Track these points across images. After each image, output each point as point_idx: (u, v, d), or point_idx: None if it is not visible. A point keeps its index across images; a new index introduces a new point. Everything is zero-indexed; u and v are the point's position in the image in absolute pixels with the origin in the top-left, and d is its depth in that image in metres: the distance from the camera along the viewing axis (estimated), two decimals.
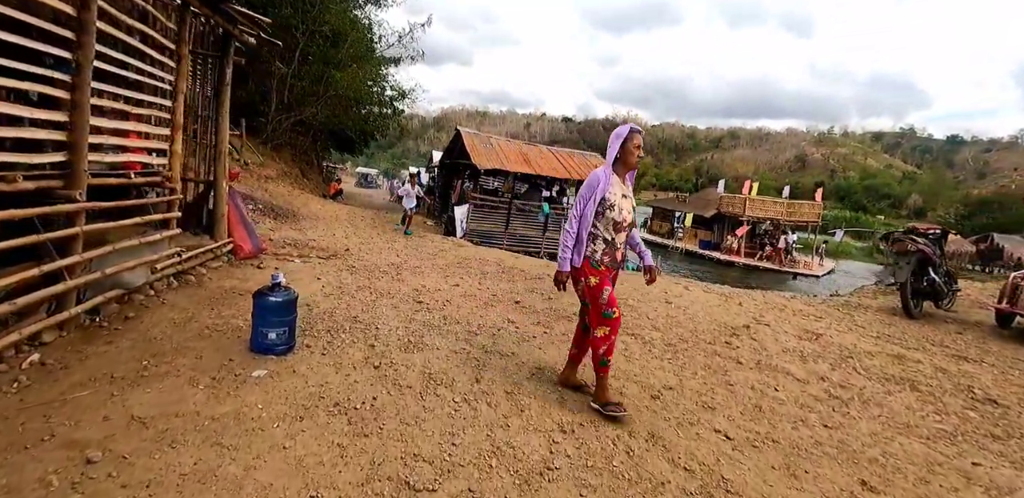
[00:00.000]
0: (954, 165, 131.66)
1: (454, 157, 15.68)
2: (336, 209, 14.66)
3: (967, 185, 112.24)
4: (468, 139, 12.63)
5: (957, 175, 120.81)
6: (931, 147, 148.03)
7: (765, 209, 27.54)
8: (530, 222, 12.90)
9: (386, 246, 9.04)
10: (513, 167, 11.96)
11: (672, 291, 5.83)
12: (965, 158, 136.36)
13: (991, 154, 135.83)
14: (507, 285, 6.22)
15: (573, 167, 12.96)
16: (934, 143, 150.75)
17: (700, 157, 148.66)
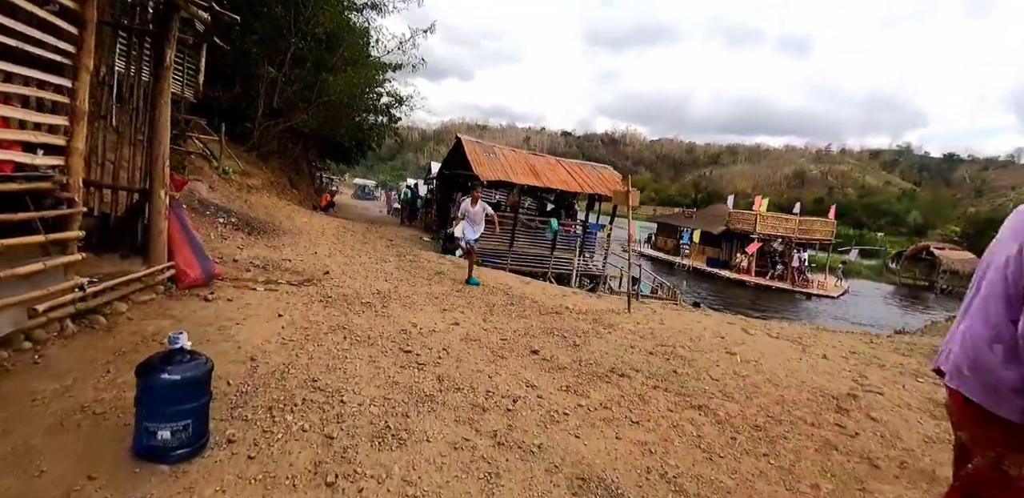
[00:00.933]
0: (952, 183, 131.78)
1: (454, 168, 14.55)
2: (324, 222, 13.46)
3: (965, 203, 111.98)
4: (470, 148, 11.53)
5: (955, 193, 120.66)
6: (928, 165, 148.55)
7: (776, 226, 26.44)
8: (538, 240, 11.71)
9: (374, 267, 7.81)
10: (519, 179, 10.82)
11: (730, 335, 4.62)
12: (963, 176, 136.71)
13: (988, 172, 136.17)
14: (519, 323, 4.98)
15: (584, 180, 11.83)
16: (931, 161, 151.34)
17: (699, 172, 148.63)
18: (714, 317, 5.52)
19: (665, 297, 13.34)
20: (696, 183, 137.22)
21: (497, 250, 11.44)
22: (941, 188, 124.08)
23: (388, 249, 10.73)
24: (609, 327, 4.90)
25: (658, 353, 4.16)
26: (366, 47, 17.92)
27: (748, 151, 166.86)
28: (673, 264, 31.04)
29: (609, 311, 5.61)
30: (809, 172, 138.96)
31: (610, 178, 12.41)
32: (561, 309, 5.63)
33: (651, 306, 6.07)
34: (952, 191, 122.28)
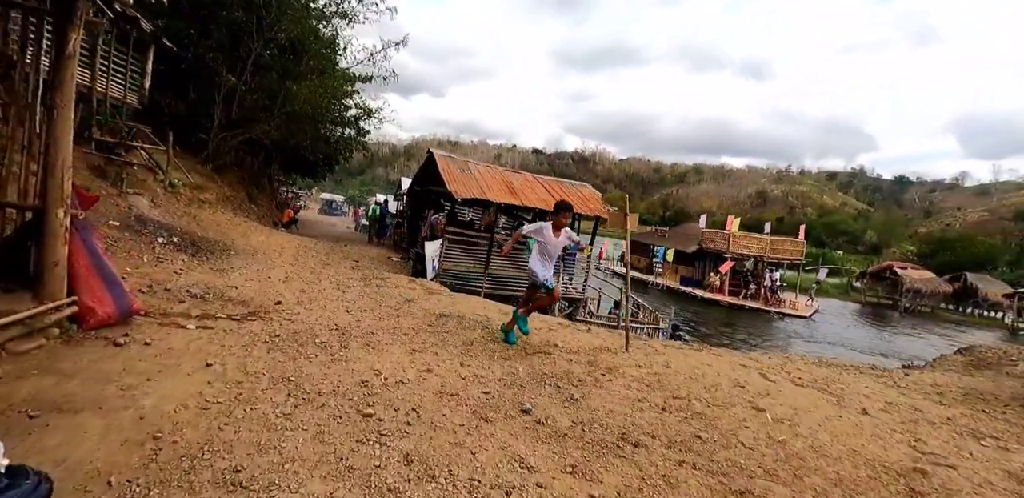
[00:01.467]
0: (903, 204, 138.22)
1: (425, 184, 13.81)
2: (284, 241, 12.45)
3: (916, 223, 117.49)
4: (443, 163, 10.84)
5: (906, 213, 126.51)
6: (881, 187, 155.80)
7: (748, 245, 26.58)
8: (515, 261, 11.01)
9: (335, 295, 6.94)
10: (496, 197, 10.16)
11: (750, 383, 3.95)
12: (912, 197, 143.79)
13: (935, 194, 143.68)
14: (502, 367, 4.24)
15: (564, 198, 11.25)
16: (883, 183, 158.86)
17: (667, 191, 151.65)
18: (724, 358, 4.90)
19: (647, 321, 12.79)
20: (664, 201, 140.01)
21: (471, 273, 10.68)
22: (893, 209, 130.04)
23: (353, 272, 9.83)
24: (608, 372, 4.20)
25: (672, 409, 3.48)
26: (333, 56, 17.17)
27: (713, 171, 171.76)
28: (647, 283, 30.82)
29: (604, 350, 4.92)
30: (771, 192, 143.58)
31: (590, 196, 11.90)
32: (550, 347, 4.91)
33: (651, 344, 5.40)
34: (903, 212, 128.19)
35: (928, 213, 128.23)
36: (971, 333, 27.14)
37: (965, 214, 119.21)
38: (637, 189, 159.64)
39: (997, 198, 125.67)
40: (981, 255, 50.70)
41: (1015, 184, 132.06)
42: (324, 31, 16.79)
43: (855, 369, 5.71)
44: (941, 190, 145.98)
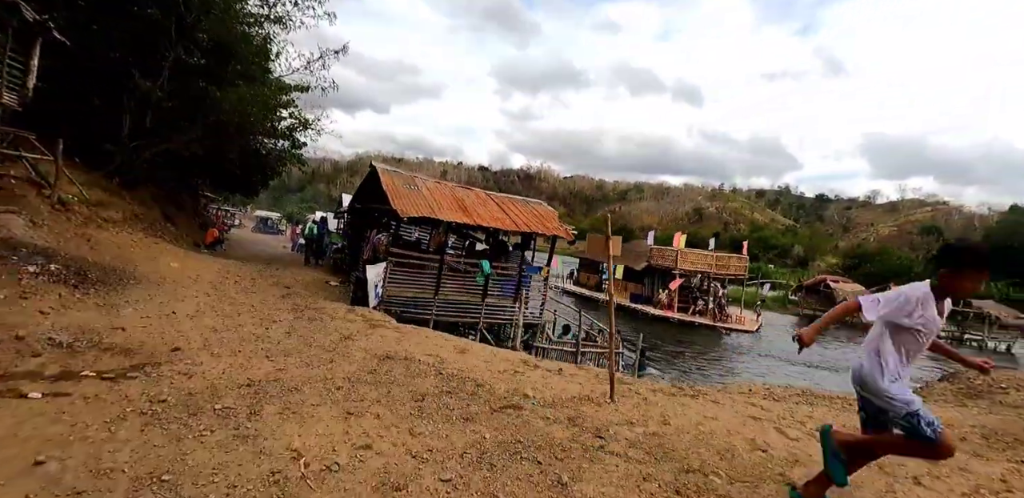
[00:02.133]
0: (824, 220, 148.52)
1: (368, 201, 12.70)
2: (203, 266, 10.95)
3: (835, 238, 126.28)
4: (387, 179, 9.85)
5: (828, 229, 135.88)
6: (804, 204, 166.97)
7: (696, 262, 26.92)
8: (467, 285, 10.10)
9: (256, 333, 5.77)
10: (447, 215, 9.26)
11: (772, 445, 3.17)
12: (832, 214, 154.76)
13: (852, 211, 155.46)
14: (465, 434, 3.33)
15: (519, 216, 10.52)
16: (807, 200, 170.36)
17: (609, 208, 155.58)
18: (725, 407, 4.22)
19: (606, 345, 12.16)
20: (607, 218, 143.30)
21: (419, 299, 9.66)
22: (816, 225, 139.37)
23: (283, 301, 8.58)
24: (597, 435, 3.39)
25: (689, 491, 2.70)
26: (265, 62, 15.85)
27: (652, 189, 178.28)
28: (597, 301, 30.58)
29: (585, 400, 4.12)
30: (706, 209, 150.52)
31: (546, 214, 11.26)
32: (520, 400, 4.04)
33: (637, 389, 4.65)
34: (825, 227, 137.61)
35: (846, 228, 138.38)
36: None
37: (878, 229, 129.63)
38: (581, 206, 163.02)
39: (904, 214, 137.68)
40: (896, 267, 54.69)
41: (919, 201, 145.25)
42: (254, 35, 15.49)
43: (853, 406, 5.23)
44: (856, 207, 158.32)
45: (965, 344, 29.72)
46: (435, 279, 9.71)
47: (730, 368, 16.60)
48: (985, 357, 3.10)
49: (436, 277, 9.71)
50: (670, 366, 15.98)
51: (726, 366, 17.08)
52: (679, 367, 15.96)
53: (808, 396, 5.68)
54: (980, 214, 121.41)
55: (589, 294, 32.32)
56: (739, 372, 16.11)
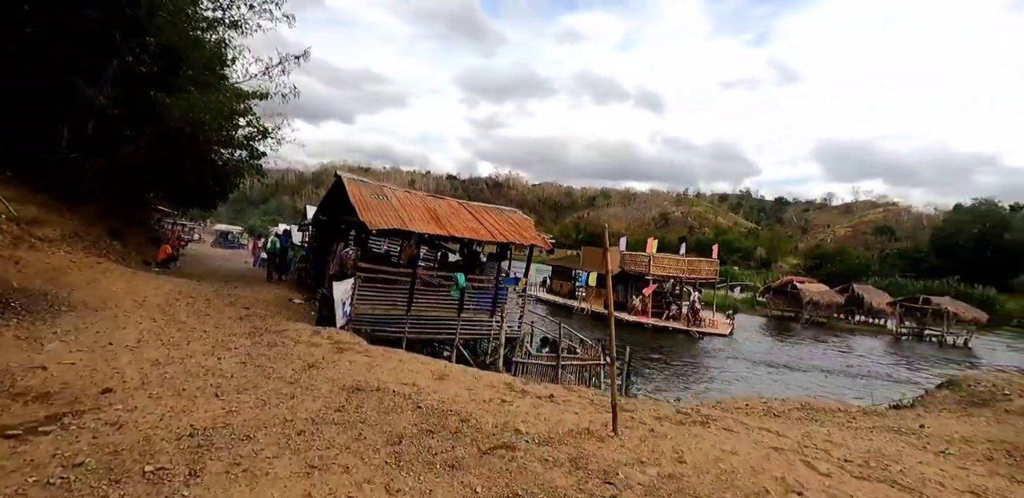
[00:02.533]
0: (783, 222, 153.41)
1: (334, 212, 12.03)
2: (152, 286, 10.05)
3: (795, 239, 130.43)
4: (354, 189, 9.25)
5: (787, 231, 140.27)
6: (765, 207, 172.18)
7: (668, 267, 27.01)
8: (441, 300, 9.55)
9: (206, 366, 5.11)
10: (419, 227, 8.72)
11: (806, 484, 2.83)
12: (791, 216, 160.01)
13: (809, 213, 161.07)
14: (451, 487, 2.84)
15: (494, 226, 10.06)
16: (767, 204, 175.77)
17: (578, 214, 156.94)
18: (741, 436, 3.85)
19: (587, 358, 11.79)
20: (576, 224, 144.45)
21: (391, 316, 9.06)
22: (776, 227, 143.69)
23: (240, 323, 7.86)
24: (606, 480, 2.95)
25: None
26: (220, 68, 15.01)
27: (619, 194, 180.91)
28: (571, 308, 30.32)
29: (585, 434, 3.67)
30: (672, 213, 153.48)
31: (522, 223, 10.85)
32: (512, 437, 3.57)
33: (642, 419, 4.23)
34: (785, 229, 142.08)
35: (804, 230, 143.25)
36: (865, 340, 29.36)
37: (834, 230, 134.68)
38: (550, 213, 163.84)
39: (858, 215, 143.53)
40: (855, 266, 56.64)
41: (871, 203, 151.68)
42: (207, 40, 14.66)
43: (864, 415, 4.95)
44: (813, 209, 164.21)
45: (926, 340, 30.76)
46: (407, 294, 9.14)
47: (709, 374, 16.48)
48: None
49: (408, 292, 9.14)
50: (650, 375, 15.74)
51: (705, 371, 16.97)
52: (659, 375, 15.74)
53: (808, 410, 5.41)
54: (927, 214, 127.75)
55: (563, 302, 32.06)
56: (718, 378, 16.00)
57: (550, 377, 10.89)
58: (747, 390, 14.31)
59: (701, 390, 14.10)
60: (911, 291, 45.95)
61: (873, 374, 18.91)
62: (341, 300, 8.49)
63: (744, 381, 15.95)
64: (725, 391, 14.14)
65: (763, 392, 13.96)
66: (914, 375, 19.44)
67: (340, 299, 8.46)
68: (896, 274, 58.03)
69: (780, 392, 14.26)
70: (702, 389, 14.21)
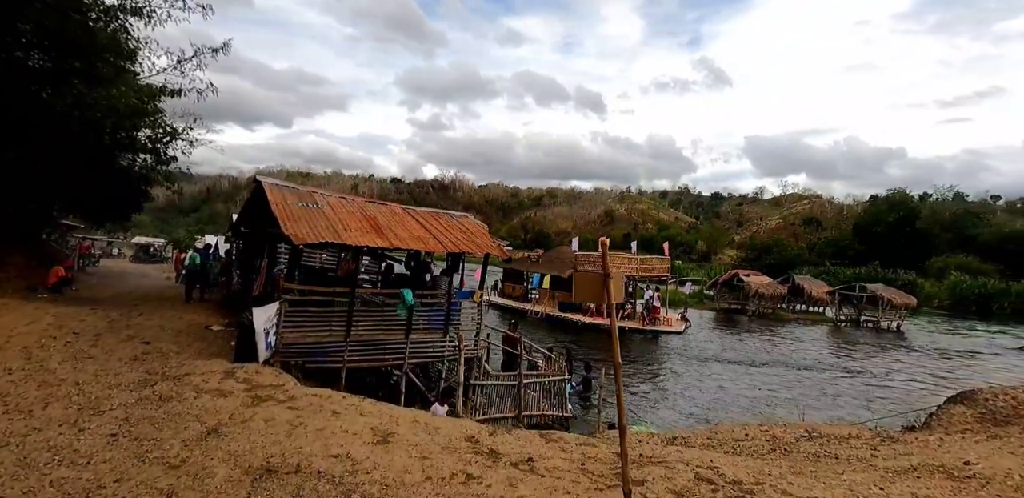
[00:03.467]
0: (720, 216, 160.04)
1: (257, 223, 10.50)
2: (25, 321, 8.22)
3: (732, 232, 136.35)
4: (276, 197, 7.86)
5: (724, 224, 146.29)
6: (702, 202, 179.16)
7: (621, 265, 26.67)
8: (386, 321, 8.33)
9: (56, 444, 3.72)
10: (356, 238, 7.47)
11: None
12: (727, 210, 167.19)
13: (743, 207, 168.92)
14: None
15: (444, 234, 8.92)
16: (704, 199, 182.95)
17: (525, 214, 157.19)
18: (774, 466, 2.98)
19: (551, 373, 10.89)
20: (523, 224, 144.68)
21: (327, 344, 7.76)
22: (714, 221, 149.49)
23: (131, 367, 6.34)
24: None
25: None
26: (118, 61, 12.95)
27: (565, 194, 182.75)
28: (524, 312, 29.47)
29: None
30: (616, 211, 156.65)
31: (475, 230, 9.77)
32: None
33: (656, 490, 3.27)
34: (722, 223, 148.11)
35: (740, 223, 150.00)
36: (808, 329, 30.33)
37: (767, 222, 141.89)
38: (497, 214, 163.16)
39: (787, 207, 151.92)
40: (792, 257, 59.43)
41: (798, 196, 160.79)
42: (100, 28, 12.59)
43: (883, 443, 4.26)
44: (747, 203, 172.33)
45: (863, 326, 32.21)
46: (346, 317, 7.87)
47: (679, 380, 16.03)
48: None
49: (347, 314, 7.87)
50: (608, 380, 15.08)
51: (673, 377, 16.52)
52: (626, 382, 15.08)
53: (818, 439, 4.71)
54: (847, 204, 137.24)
55: (516, 305, 31.16)
56: (689, 384, 15.57)
57: (512, 399, 9.92)
58: (723, 398, 13.93)
59: (677, 402, 13.56)
60: (842, 278, 48.48)
61: (833, 366, 19.21)
62: (263, 329, 7.11)
63: (716, 384, 15.62)
64: (701, 401, 13.70)
65: (740, 398, 13.60)
66: (863, 364, 19.93)
67: (262, 329, 7.08)
68: (827, 262, 61.27)
69: (758, 398, 13.99)
70: (678, 401, 13.68)
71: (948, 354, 23.41)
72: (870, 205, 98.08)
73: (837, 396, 14.64)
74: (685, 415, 12.37)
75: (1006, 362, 21.85)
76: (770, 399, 14.04)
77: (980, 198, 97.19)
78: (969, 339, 29.00)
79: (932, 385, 16.51)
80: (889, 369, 19.13)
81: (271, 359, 7.17)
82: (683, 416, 12.23)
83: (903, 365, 20.08)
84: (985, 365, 20.93)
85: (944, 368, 20.02)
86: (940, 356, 22.92)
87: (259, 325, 7.11)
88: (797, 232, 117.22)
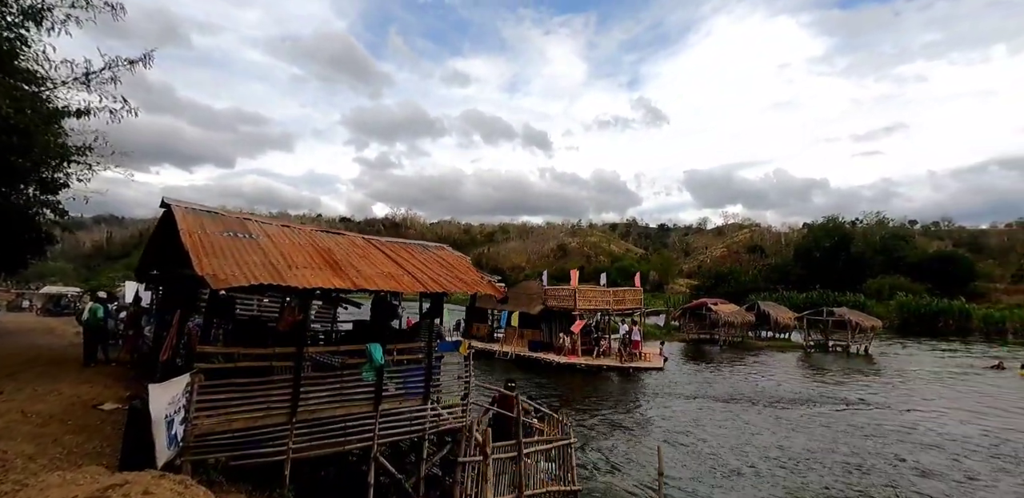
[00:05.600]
0: (667, 246, 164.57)
1: (169, 263, 8.17)
2: None
3: (679, 262, 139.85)
4: (189, 223, 5.73)
5: (673, 254, 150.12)
6: (650, 234, 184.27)
7: (593, 300, 25.20)
8: (347, 389, 6.19)
9: None
10: (305, 278, 5.41)
11: None
12: (674, 241, 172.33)
13: (689, 237, 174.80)
14: None
15: (422, 270, 7.00)
16: (651, 231, 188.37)
17: (478, 250, 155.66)
18: None
19: (554, 437, 8.88)
20: (478, 260, 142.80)
21: (263, 429, 5.52)
22: (663, 251, 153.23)
23: None
24: None
25: None
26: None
27: (517, 229, 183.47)
28: (492, 354, 27.17)
29: None
30: (569, 244, 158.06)
31: (457, 263, 7.87)
32: None
33: None
34: (671, 253, 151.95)
35: (687, 252, 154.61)
36: (780, 357, 29.60)
37: (712, 251, 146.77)
38: None
39: (730, 236, 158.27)
40: (748, 284, 60.38)
41: (738, 225, 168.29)
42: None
43: None
44: (692, 233, 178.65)
45: (832, 350, 31.92)
46: (290, 388, 5.68)
47: (673, 426, 14.25)
48: None
49: (292, 385, 5.69)
50: (603, 435, 13.10)
51: (665, 423, 14.73)
52: (612, 438, 13.12)
53: None
54: (784, 232, 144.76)
55: (482, 346, 28.81)
56: (685, 432, 13.80)
57: (511, 476, 7.78)
58: (726, 451, 12.22)
59: (681, 463, 11.71)
60: (795, 303, 49.22)
61: (826, 399, 18.05)
62: (165, 416, 4.83)
63: (712, 431, 13.94)
64: (707, 459, 11.92)
65: (744, 449, 11.83)
66: (852, 392, 18.95)
67: (162, 415, 4.81)
68: (780, 287, 62.62)
69: (766, 451, 12.36)
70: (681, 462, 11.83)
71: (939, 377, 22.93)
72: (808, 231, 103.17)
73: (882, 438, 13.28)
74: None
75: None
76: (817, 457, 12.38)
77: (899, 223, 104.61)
78: (942, 359, 29.07)
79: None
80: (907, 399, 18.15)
81: (177, 459, 4.86)
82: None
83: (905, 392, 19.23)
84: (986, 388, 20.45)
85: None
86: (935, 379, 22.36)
87: (157, 411, 4.82)
88: (742, 259, 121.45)
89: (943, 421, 15.11)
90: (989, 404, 17.50)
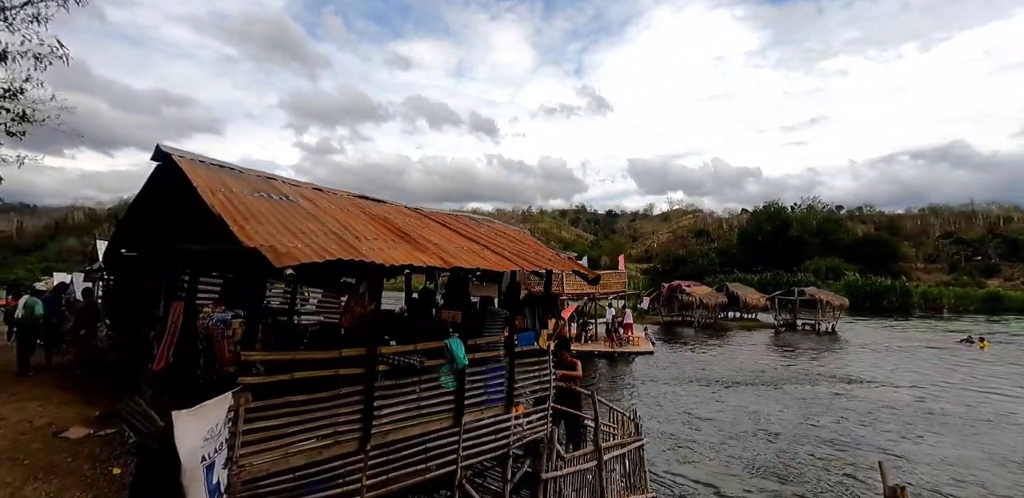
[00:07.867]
0: (616, 232, 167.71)
1: (158, 240, 6.26)
2: None
3: (628, 246, 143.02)
4: (208, 180, 4.04)
5: (622, 239, 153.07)
6: (598, 220, 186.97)
7: (581, 284, 24.26)
8: (424, 400, 4.69)
9: None
10: (386, 253, 3.84)
11: None
12: (622, 227, 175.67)
13: (636, 222, 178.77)
14: None
15: (496, 245, 5.52)
16: (600, 217, 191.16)
17: None
18: None
19: (627, 439, 7.77)
20: None
21: (324, 463, 4.00)
22: (613, 237, 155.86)
23: None
24: None
25: None
26: None
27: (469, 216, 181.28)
28: None
29: None
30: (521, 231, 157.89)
31: (526, 239, 6.49)
32: None
33: None
34: (620, 238, 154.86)
35: (635, 238, 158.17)
36: (754, 335, 30.07)
37: (659, 236, 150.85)
38: None
39: (675, 221, 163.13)
40: (705, 267, 61.99)
41: (682, 211, 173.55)
42: None
43: None
44: (639, 219, 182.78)
45: (800, 329, 32.81)
46: (362, 405, 4.16)
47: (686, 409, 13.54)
48: None
49: (364, 400, 4.17)
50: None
51: (677, 406, 14.04)
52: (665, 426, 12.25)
53: None
54: (725, 217, 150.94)
55: None
56: (702, 415, 13.11)
57: (590, 489, 6.59)
58: (754, 438, 11.57)
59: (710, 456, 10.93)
60: (751, 284, 50.86)
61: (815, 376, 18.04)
62: (202, 459, 3.24)
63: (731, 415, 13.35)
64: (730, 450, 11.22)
65: (772, 431, 11.07)
66: (839, 370, 19.14)
67: (197, 457, 3.21)
68: (736, 270, 64.76)
69: (795, 437, 11.80)
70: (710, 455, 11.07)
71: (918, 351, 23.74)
72: (751, 216, 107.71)
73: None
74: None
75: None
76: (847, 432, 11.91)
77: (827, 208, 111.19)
78: (903, 334, 30.43)
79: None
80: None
81: None
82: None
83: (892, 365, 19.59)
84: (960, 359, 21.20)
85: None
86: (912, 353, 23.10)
87: (190, 451, 3.20)
88: (688, 244, 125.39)
89: (946, 396, 15.33)
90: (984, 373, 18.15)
